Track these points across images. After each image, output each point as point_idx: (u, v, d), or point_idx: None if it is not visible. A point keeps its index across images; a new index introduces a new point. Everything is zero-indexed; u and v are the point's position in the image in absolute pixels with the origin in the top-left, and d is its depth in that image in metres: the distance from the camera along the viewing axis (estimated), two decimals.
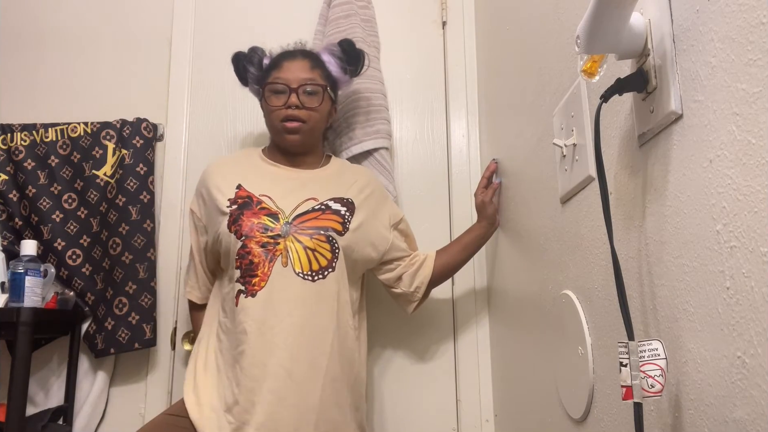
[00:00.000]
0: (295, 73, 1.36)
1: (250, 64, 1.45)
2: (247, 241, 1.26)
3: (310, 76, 1.37)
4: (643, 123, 0.71)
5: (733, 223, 0.55)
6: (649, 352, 0.62)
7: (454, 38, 1.83)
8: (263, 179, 1.36)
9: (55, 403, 1.58)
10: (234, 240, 1.27)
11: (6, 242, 1.58)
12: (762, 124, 0.51)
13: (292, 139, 1.36)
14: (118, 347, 1.55)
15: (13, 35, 1.87)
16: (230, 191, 1.33)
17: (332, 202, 1.34)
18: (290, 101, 1.34)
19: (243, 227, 1.27)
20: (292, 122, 1.34)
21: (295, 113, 1.34)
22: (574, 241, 0.96)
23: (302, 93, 1.35)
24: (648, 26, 0.68)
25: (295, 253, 1.26)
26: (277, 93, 1.36)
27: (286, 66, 1.37)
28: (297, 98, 1.34)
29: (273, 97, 1.36)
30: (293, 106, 1.34)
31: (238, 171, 1.38)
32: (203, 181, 1.40)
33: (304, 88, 1.35)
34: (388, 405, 1.63)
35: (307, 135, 1.37)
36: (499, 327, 1.55)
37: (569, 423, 1.00)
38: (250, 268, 1.25)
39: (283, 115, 1.35)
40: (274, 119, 1.36)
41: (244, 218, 1.28)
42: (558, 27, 1.05)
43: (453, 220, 1.72)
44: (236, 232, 1.27)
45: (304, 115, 1.35)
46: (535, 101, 1.20)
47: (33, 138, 1.68)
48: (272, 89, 1.37)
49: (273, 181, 1.36)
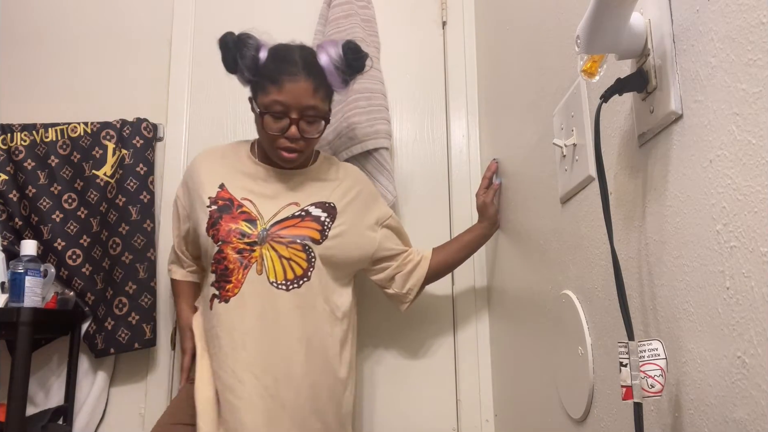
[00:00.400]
0: (297, 99, 1.23)
1: (241, 58, 1.27)
2: (224, 246, 1.25)
3: (312, 103, 1.25)
4: (643, 123, 0.71)
5: (733, 223, 0.55)
6: (649, 352, 0.62)
7: (454, 38, 1.83)
8: (247, 180, 1.33)
9: (55, 403, 1.58)
10: (211, 244, 1.26)
11: (6, 242, 1.58)
12: (762, 124, 0.51)
13: (287, 161, 1.30)
14: (118, 347, 1.55)
15: (13, 35, 1.87)
16: (212, 189, 1.32)
17: (313, 207, 1.31)
18: (290, 133, 1.25)
19: (220, 232, 1.25)
20: (289, 153, 1.28)
21: (293, 145, 1.27)
22: (574, 241, 0.96)
23: (303, 122, 1.26)
24: (648, 26, 0.68)
25: (270, 261, 1.24)
26: (276, 117, 1.25)
27: (287, 87, 1.23)
28: (297, 129, 1.25)
29: (271, 122, 1.26)
30: (292, 138, 1.26)
31: (223, 168, 1.35)
32: (190, 172, 1.39)
33: (305, 117, 1.26)
34: (388, 405, 1.63)
35: (302, 158, 1.32)
36: (499, 327, 1.55)
37: (569, 423, 1.00)
38: (225, 273, 1.24)
39: (280, 144, 1.27)
40: (268, 140, 1.28)
41: (222, 222, 1.26)
42: (558, 27, 1.05)
43: (453, 220, 1.72)
44: (213, 236, 1.26)
45: (302, 146, 1.28)
46: (535, 101, 1.20)
47: (33, 138, 1.68)
48: (271, 110, 1.25)
49: (257, 183, 1.33)
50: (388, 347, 1.66)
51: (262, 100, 1.26)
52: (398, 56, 1.81)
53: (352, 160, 1.60)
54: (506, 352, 1.48)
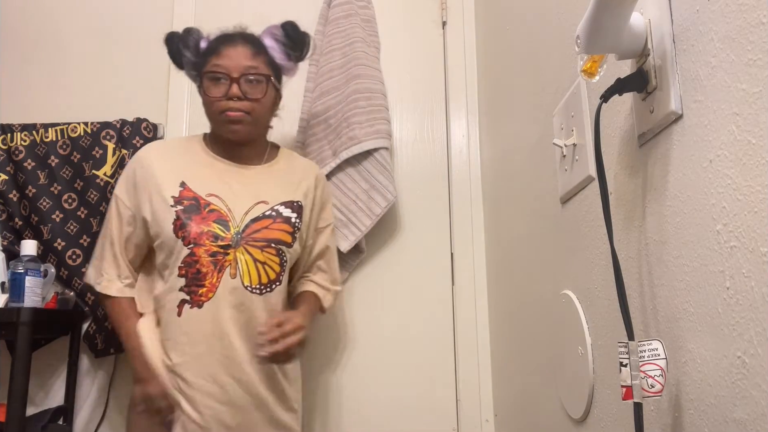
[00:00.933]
0: (236, 61, 1.26)
1: (185, 48, 1.32)
2: (196, 249, 1.20)
3: (252, 64, 1.27)
4: (643, 123, 0.71)
5: (733, 223, 0.55)
6: (649, 352, 0.62)
7: (454, 38, 1.83)
8: (209, 177, 1.29)
9: (55, 403, 1.58)
10: (180, 246, 1.21)
11: (6, 242, 1.58)
12: (762, 124, 0.51)
13: (234, 131, 1.28)
14: (118, 347, 1.55)
15: (13, 35, 1.87)
16: (173, 188, 1.26)
17: (283, 207, 1.30)
18: (231, 92, 1.25)
19: (191, 233, 1.20)
20: (234, 113, 1.25)
21: (237, 105, 1.25)
22: (574, 241, 0.96)
23: (244, 82, 1.25)
24: (648, 26, 0.68)
25: (244, 264, 1.23)
26: (217, 81, 1.26)
27: (225, 52, 1.27)
28: (239, 88, 1.25)
29: (212, 87, 1.26)
30: (234, 98, 1.25)
31: (180, 165, 1.30)
32: (137, 171, 1.29)
33: (246, 77, 1.26)
34: (388, 405, 1.63)
35: (250, 126, 1.29)
36: (499, 327, 1.55)
37: (569, 423, 1.00)
38: (197, 277, 1.20)
39: (223, 107, 1.25)
40: (213, 110, 1.27)
41: (192, 224, 1.21)
42: (558, 27, 1.05)
43: (453, 220, 1.72)
44: (183, 238, 1.21)
45: (246, 106, 1.26)
46: (535, 101, 1.20)
47: (33, 138, 1.68)
48: (211, 77, 1.26)
49: (219, 179, 1.29)
50: (387, 347, 1.66)
51: (204, 75, 1.28)
52: (398, 56, 1.81)
53: (353, 159, 1.60)
54: (506, 352, 1.48)
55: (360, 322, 1.67)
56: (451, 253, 1.70)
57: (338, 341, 1.66)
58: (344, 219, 1.59)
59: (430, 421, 1.61)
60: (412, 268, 1.69)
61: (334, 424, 1.62)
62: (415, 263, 1.69)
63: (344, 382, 1.64)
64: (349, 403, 1.63)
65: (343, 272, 1.66)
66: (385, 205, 1.59)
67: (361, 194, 1.60)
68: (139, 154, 1.32)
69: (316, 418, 1.62)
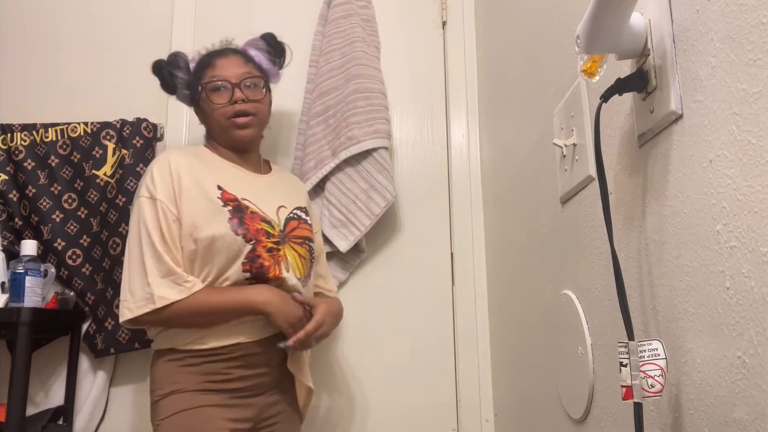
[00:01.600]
0: (231, 69, 1.35)
1: (177, 69, 1.42)
2: (256, 245, 1.25)
3: (246, 70, 1.36)
4: (643, 123, 0.71)
5: (733, 223, 0.55)
6: (649, 352, 0.62)
7: (454, 38, 1.83)
8: (235, 181, 1.33)
9: (55, 403, 1.58)
10: (241, 243, 1.23)
11: (6, 242, 1.58)
12: (762, 124, 0.51)
13: (244, 135, 1.35)
14: (118, 347, 1.55)
15: (13, 35, 1.87)
16: (213, 190, 1.27)
17: (299, 211, 1.40)
18: (235, 96, 1.32)
19: (250, 231, 1.25)
20: (243, 117, 1.33)
21: (244, 107, 1.33)
22: (574, 241, 0.96)
23: (244, 87, 1.34)
24: (648, 26, 0.68)
25: (293, 259, 1.31)
26: (217, 91, 1.33)
27: (220, 64, 1.36)
28: (241, 92, 1.33)
29: (215, 96, 1.33)
30: (239, 101, 1.32)
31: (207, 170, 1.31)
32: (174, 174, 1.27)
33: (244, 82, 1.34)
34: (388, 405, 1.63)
35: (257, 129, 1.38)
36: (499, 327, 1.55)
37: (569, 423, 1.00)
38: (262, 271, 1.25)
39: (230, 112, 1.32)
40: (220, 118, 1.33)
41: (247, 221, 1.26)
42: (558, 27, 1.05)
43: (453, 220, 1.72)
44: (244, 235, 1.24)
45: (252, 108, 1.34)
46: (535, 101, 1.20)
47: (33, 138, 1.68)
48: (212, 88, 1.33)
49: (244, 184, 1.34)
50: (388, 347, 1.66)
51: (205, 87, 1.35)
52: (398, 56, 1.81)
53: (352, 159, 1.60)
54: (506, 352, 1.48)
55: (360, 322, 1.67)
56: (451, 253, 1.70)
57: (338, 341, 1.66)
58: (343, 219, 1.59)
59: (430, 421, 1.61)
60: (412, 268, 1.69)
61: (334, 424, 1.62)
62: (415, 263, 1.69)
63: (344, 382, 1.64)
64: (349, 403, 1.63)
65: (343, 272, 1.66)
66: (384, 205, 1.59)
67: (361, 194, 1.60)
68: (168, 159, 1.29)
69: (316, 418, 1.62)
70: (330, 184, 1.63)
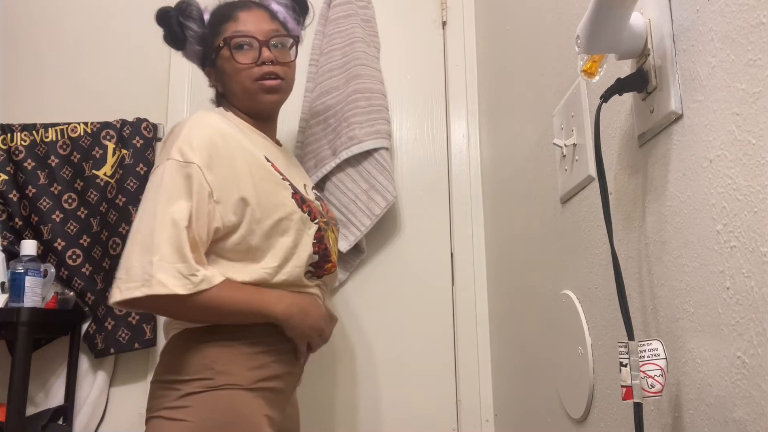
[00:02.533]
0: (258, 25, 1.16)
1: (189, 20, 1.20)
2: (321, 223, 1.13)
3: (273, 27, 1.18)
4: (643, 123, 0.71)
5: (733, 223, 0.55)
6: (649, 352, 0.62)
7: (454, 38, 1.83)
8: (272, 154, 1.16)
9: (55, 403, 1.58)
10: (308, 221, 1.09)
11: (6, 242, 1.58)
12: (762, 124, 0.51)
13: (273, 100, 1.17)
14: (118, 347, 1.55)
15: (13, 35, 1.87)
16: (265, 164, 1.09)
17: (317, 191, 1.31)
18: (264, 56, 1.14)
19: (312, 210, 1.12)
20: (271, 80, 1.15)
21: (272, 69, 1.14)
22: (574, 241, 0.96)
23: (271, 47, 1.16)
24: (648, 26, 0.68)
25: (331, 242, 1.18)
26: (241, 49, 1.15)
27: (243, 17, 1.16)
28: (269, 52, 1.15)
29: (239, 55, 1.14)
30: (268, 62, 1.14)
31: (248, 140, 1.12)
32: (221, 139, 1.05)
33: (272, 41, 1.16)
34: (388, 405, 1.63)
35: (285, 95, 1.20)
36: (499, 327, 1.55)
37: (569, 423, 1.00)
38: (326, 253, 1.13)
39: (257, 74, 1.14)
40: (245, 80, 1.15)
41: (309, 200, 1.13)
42: (558, 27, 1.05)
43: (453, 220, 1.72)
44: (309, 212, 1.10)
45: (280, 71, 1.16)
46: (535, 101, 1.20)
47: (33, 138, 1.68)
48: (235, 44, 1.14)
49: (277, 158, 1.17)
50: (388, 347, 1.66)
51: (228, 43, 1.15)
52: (398, 56, 1.81)
53: (352, 159, 1.60)
54: (506, 352, 1.48)
55: (360, 322, 1.67)
56: (451, 253, 1.71)
57: (338, 341, 1.66)
58: (344, 219, 1.59)
59: (430, 421, 1.61)
60: (412, 268, 1.69)
61: (334, 424, 1.62)
62: (415, 263, 1.69)
63: (344, 382, 1.64)
64: (349, 403, 1.63)
65: (343, 272, 1.66)
66: (384, 206, 1.59)
67: (361, 194, 1.60)
68: (211, 121, 1.07)
69: (316, 418, 1.62)
70: (330, 184, 1.63)
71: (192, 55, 1.26)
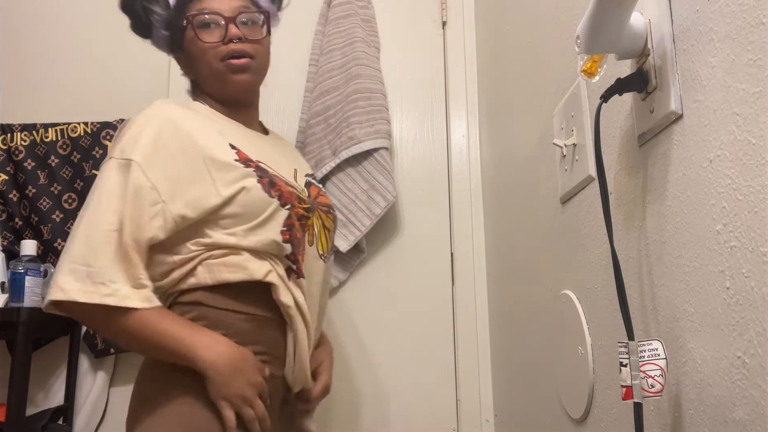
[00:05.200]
0: (224, 2, 1.09)
1: (153, 3, 1.13)
2: (292, 210, 1.03)
3: (242, 3, 1.11)
4: (643, 123, 0.71)
5: (733, 223, 0.55)
6: (649, 352, 0.62)
7: (454, 38, 1.83)
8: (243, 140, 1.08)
9: (55, 403, 1.58)
10: (277, 206, 1.01)
11: (6, 242, 1.58)
12: (762, 124, 0.51)
13: (242, 80, 1.10)
14: (118, 347, 1.55)
15: (13, 35, 1.87)
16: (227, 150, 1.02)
17: (312, 178, 1.21)
18: (230, 33, 1.08)
19: (284, 193, 1.03)
20: (239, 59, 1.08)
21: (240, 47, 1.08)
22: (574, 241, 0.96)
23: (240, 24, 1.10)
24: (648, 26, 0.68)
25: (318, 230, 1.11)
26: (206, 28, 1.09)
27: None
28: (237, 29, 1.08)
29: (204, 34, 1.08)
30: (235, 39, 1.07)
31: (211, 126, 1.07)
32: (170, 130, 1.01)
33: (240, 17, 1.10)
34: (388, 405, 1.63)
35: (256, 75, 1.13)
36: (499, 327, 1.55)
37: (569, 423, 1.00)
38: (297, 243, 1.03)
39: (224, 52, 1.08)
40: (211, 60, 1.08)
41: (278, 182, 1.03)
42: (558, 27, 1.05)
43: (453, 220, 1.72)
44: (279, 197, 1.02)
45: (249, 48, 1.09)
46: (535, 101, 1.20)
47: (33, 138, 1.68)
48: (199, 24, 1.09)
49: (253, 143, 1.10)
50: (387, 347, 1.66)
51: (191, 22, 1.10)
52: (398, 56, 1.81)
53: (352, 159, 1.60)
54: (506, 352, 1.48)
55: (360, 322, 1.67)
56: (451, 253, 1.70)
57: (338, 341, 1.66)
58: (344, 219, 1.59)
59: (430, 421, 1.61)
60: (412, 268, 1.69)
61: (334, 424, 1.62)
62: (415, 263, 1.69)
63: (344, 382, 1.64)
64: (349, 403, 1.63)
65: (343, 272, 1.66)
66: (384, 206, 1.59)
67: (361, 194, 1.60)
68: (160, 112, 1.04)
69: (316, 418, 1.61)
70: (330, 184, 1.63)
71: (160, 41, 1.19)
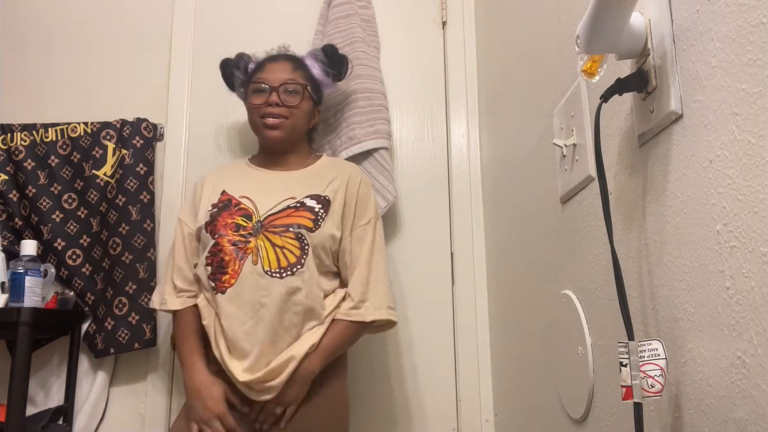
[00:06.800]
0: (276, 74, 1.42)
1: (237, 69, 1.53)
2: (219, 239, 1.31)
3: (291, 77, 1.42)
4: (643, 123, 0.71)
5: (733, 223, 0.55)
6: (649, 352, 0.62)
7: (454, 38, 1.83)
8: (246, 182, 1.42)
9: (55, 403, 1.57)
10: (208, 239, 1.33)
11: (6, 242, 1.58)
12: (762, 124, 0.51)
13: (273, 136, 1.41)
14: (118, 347, 1.55)
15: (13, 35, 1.87)
16: (215, 196, 1.40)
17: (308, 199, 1.36)
18: (270, 99, 1.40)
19: (217, 227, 1.33)
20: (272, 119, 1.39)
21: (275, 110, 1.40)
22: (574, 241, 0.96)
23: (283, 92, 1.40)
24: (648, 26, 0.68)
25: (264, 251, 1.29)
26: (260, 92, 1.42)
27: (268, 67, 1.44)
28: (277, 97, 1.40)
29: (255, 96, 1.42)
30: (273, 104, 1.40)
31: (224, 178, 1.45)
32: (194, 191, 1.46)
33: (285, 87, 1.40)
34: (388, 405, 1.63)
35: (287, 132, 1.41)
36: (499, 327, 1.55)
37: (569, 423, 1.00)
38: (221, 265, 1.30)
39: (263, 112, 1.40)
40: (254, 116, 1.43)
41: (219, 219, 1.34)
42: (558, 27, 1.05)
43: (453, 220, 1.72)
44: (211, 231, 1.33)
45: (283, 112, 1.40)
46: (535, 101, 1.20)
47: (33, 138, 1.68)
48: (255, 89, 1.42)
49: (256, 183, 1.42)
50: (387, 347, 1.66)
51: (249, 87, 1.45)
52: (398, 56, 1.81)
53: (352, 159, 1.60)
54: (506, 352, 1.48)
55: None
56: (451, 253, 1.70)
57: None
58: None
59: (430, 421, 1.61)
60: (412, 268, 1.69)
61: None
62: (415, 263, 1.69)
63: None
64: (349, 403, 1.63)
65: None
66: (384, 206, 1.59)
67: None
68: (199, 179, 1.49)
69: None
70: None
71: (240, 96, 1.56)
